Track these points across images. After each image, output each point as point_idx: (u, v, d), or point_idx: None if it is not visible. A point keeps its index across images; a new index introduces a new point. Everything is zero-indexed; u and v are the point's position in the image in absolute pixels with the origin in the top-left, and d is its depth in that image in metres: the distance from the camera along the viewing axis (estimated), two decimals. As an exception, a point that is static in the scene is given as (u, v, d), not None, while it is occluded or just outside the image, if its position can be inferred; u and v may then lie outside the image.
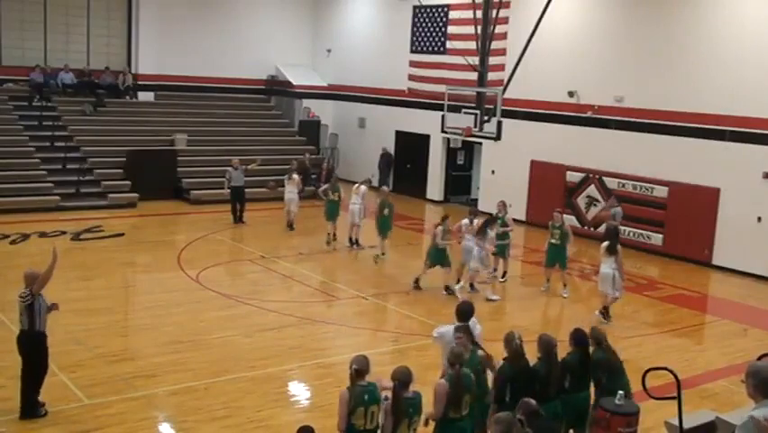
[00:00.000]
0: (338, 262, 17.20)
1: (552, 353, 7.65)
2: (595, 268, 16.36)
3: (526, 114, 21.62)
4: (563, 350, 8.13)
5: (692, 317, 14.46)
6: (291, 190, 19.72)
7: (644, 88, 19.02)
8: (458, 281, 15.04)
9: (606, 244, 13.33)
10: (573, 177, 20.73)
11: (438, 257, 14.67)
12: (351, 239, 18.19)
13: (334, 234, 18.39)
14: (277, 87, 28.97)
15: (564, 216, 15.27)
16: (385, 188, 19.08)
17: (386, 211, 17.15)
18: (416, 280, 14.92)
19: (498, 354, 7.99)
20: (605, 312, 13.35)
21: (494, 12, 19.15)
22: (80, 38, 25.83)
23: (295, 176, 19.94)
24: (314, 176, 24.84)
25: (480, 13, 19.66)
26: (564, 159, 20.93)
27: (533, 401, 6.97)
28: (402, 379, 6.66)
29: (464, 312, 8.49)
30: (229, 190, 20.33)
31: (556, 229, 14.96)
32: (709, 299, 16.21)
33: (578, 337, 8.06)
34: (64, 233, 18.00)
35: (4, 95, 24.02)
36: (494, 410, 6.75)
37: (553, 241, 14.99)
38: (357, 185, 18.50)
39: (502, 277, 15.82)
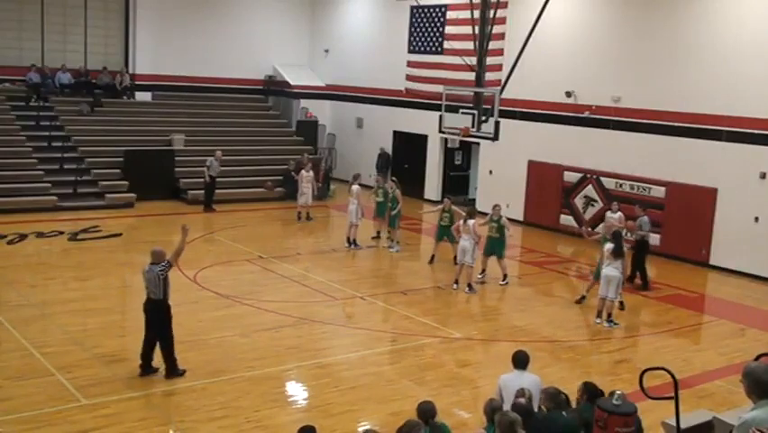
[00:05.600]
0: (336, 263, 17.19)
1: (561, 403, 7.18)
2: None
3: (524, 114, 21.63)
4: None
5: (690, 317, 14.46)
6: (306, 186, 20.93)
7: (642, 89, 19.03)
8: (456, 282, 15.09)
9: (611, 246, 13.10)
10: (571, 177, 20.74)
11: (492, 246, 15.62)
12: (348, 239, 18.21)
13: (378, 233, 19.15)
14: (274, 88, 28.95)
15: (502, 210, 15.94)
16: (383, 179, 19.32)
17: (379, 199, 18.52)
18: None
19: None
20: (610, 317, 13.24)
21: (491, 12, 19.17)
22: (78, 38, 25.76)
23: (303, 172, 20.92)
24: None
25: (477, 14, 19.70)
26: (562, 159, 20.94)
27: (523, 401, 6.99)
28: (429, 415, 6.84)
29: (520, 360, 8.12)
30: (208, 179, 21.68)
31: (494, 222, 15.58)
32: (707, 299, 16.21)
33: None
34: (61, 233, 17.99)
35: (1, 95, 23.97)
36: None
37: (490, 234, 15.65)
38: (349, 185, 18.73)
39: (503, 280, 15.80)
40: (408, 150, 25.95)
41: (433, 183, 25.25)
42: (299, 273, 15.72)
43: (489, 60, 20.02)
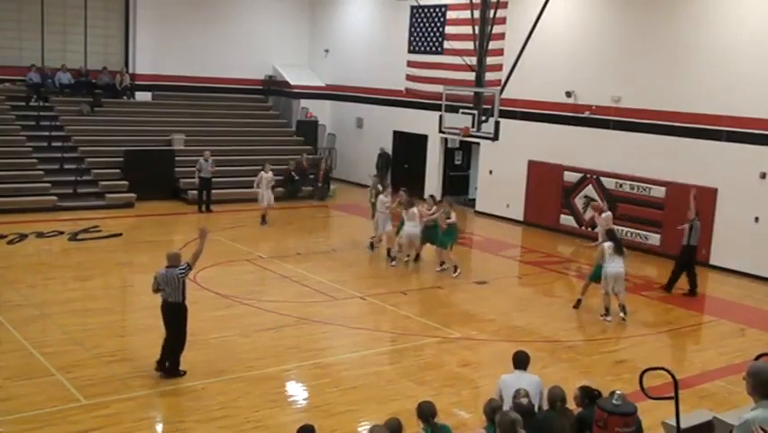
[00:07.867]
0: (336, 263, 17.18)
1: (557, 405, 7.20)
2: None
3: (524, 114, 21.62)
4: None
5: (690, 317, 14.46)
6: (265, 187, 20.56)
7: (642, 89, 19.03)
8: (441, 264, 15.72)
9: (610, 244, 13.22)
10: (571, 177, 20.74)
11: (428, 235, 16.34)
12: (372, 244, 17.86)
13: (379, 238, 18.06)
14: (274, 87, 28.96)
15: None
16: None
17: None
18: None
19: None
20: (623, 309, 13.40)
21: (491, 12, 19.17)
22: (78, 38, 25.76)
23: (263, 173, 20.51)
24: (311, 176, 24.84)
25: (477, 14, 19.70)
26: (562, 159, 20.93)
27: (524, 401, 6.99)
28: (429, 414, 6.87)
29: (520, 360, 8.16)
30: (198, 180, 21.59)
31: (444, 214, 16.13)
32: (707, 300, 16.19)
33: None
34: (61, 233, 17.99)
35: (1, 95, 23.98)
36: None
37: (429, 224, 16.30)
38: (376, 193, 18.19)
39: (454, 272, 16.02)
40: (408, 150, 25.95)
41: (433, 183, 25.22)
42: (299, 273, 15.72)
43: (489, 60, 20.01)
